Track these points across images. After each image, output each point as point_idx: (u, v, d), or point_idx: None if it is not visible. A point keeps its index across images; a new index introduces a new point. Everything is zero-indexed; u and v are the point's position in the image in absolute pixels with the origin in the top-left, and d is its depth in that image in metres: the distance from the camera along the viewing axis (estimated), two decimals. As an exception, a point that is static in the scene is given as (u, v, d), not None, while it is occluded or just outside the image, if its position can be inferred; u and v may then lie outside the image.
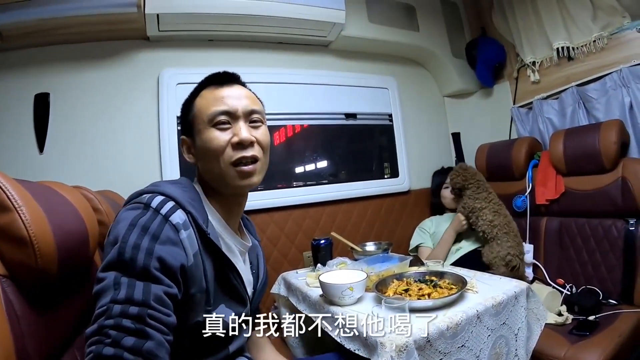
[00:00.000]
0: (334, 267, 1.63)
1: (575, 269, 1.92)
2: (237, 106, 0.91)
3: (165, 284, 0.73)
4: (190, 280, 0.79)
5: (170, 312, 0.73)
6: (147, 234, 0.74)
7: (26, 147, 1.80)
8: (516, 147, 2.26)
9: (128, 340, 0.65)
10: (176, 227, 0.78)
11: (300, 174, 2.38)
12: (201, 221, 0.83)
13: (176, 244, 0.77)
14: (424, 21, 2.60)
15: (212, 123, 0.90)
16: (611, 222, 1.81)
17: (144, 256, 0.71)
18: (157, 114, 2.01)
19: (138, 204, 0.80)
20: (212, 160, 0.90)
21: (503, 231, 1.94)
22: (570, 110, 2.18)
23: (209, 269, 0.84)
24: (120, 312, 0.66)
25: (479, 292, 1.28)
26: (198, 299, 0.82)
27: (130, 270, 0.70)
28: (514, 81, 2.55)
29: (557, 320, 1.60)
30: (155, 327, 0.69)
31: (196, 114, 0.92)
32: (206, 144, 0.90)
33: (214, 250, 0.86)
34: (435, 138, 2.87)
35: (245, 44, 2.27)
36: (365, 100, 2.54)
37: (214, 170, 0.91)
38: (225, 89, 0.94)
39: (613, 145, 1.80)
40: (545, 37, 2.28)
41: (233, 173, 0.90)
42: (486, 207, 2.01)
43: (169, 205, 0.80)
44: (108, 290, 0.69)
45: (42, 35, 1.76)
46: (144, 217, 0.77)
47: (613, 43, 2.03)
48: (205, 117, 0.90)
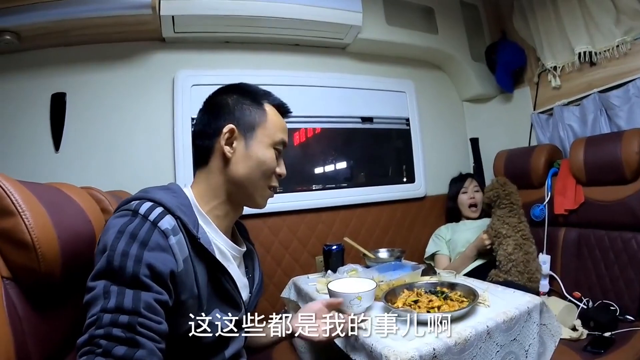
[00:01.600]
0: (345, 274, 1.61)
1: (593, 282, 1.86)
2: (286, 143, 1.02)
3: (155, 291, 0.72)
4: (180, 287, 0.79)
5: (162, 320, 0.73)
6: (136, 241, 0.74)
7: (43, 146, 1.84)
8: (535, 154, 2.20)
9: (119, 349, 0.65)
10: (165, 233, 0.77)
11: (315, 178, 2.37)
12: (191, 226, 0.83)
13: (165, 250, 0.76)
14: (443, 24, 2.56)
15: (273, 144, 0.97)
16: (631, 235, 1.75)
17: (132, 263, 0.71)
18: (172, 115, 2.03)
19: (126, 211, 0.80)
20: (258, 172, 0.95)
21: (517, 269, 1.86)
22: (591, 118, 2.11)
23: (200, 274, 0.83)
24: (110, 322, 0.66)
25: (490, 305, 1.24)
26: (190, 304, 0.82)
27: (119, 278, 0.70)
28: (534, 86, 2.49)
29: (571, 335, 1.55)
30: (147, 336, 0.68)
31: (265, 125, 0.97)
32: (263, 157, 0.96)
33: (205, 255, 0.85)
34: (453, 143, 2.83)
35: (262, 46, 2.27)
36: (382, 104, 2.52)
37: (251, 180, 0.95)
38: (285, 120, 1.04)
39: (635, 155, 1.74)
40: (567, 42, 2.22)
41: (267, 194, 1.00)
42: (511, 236, 1.93)
43: (157, 211, 0.79)
44: (98, 299, 0.69)
45: (59, 36, 1.79)
46: (132, 224, 0.76)
47: (637, 48, 1.97)
48: (273, 136, 0.97)
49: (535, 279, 1.88)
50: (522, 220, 1.98)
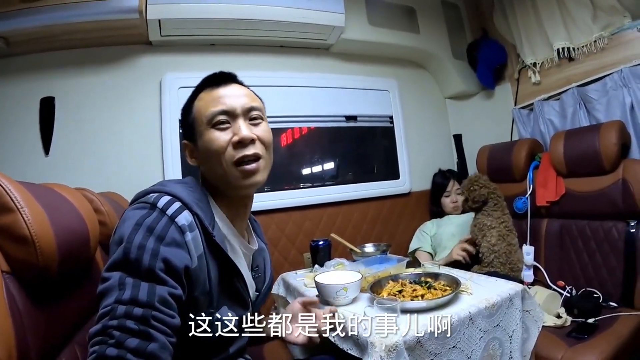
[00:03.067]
0: (331, 268, 1.64)
1: (576, 271, 1.90)
2: (235, 105, 0.91)
3: (170, 285, 0.72)
4: (194, 283, 0.79)
5: (175, 314, 0.73)
6: (153, 234, 0.74)
7: (32, 150, 1.84)
8: (517, 148, 2.25)
9: (132, 341, 0.65)
10: (182, 229, 0.78)
11: (301, 176, 2.39)
12: (207, 223, 0.83)
13: (181, 246, 0.77)
14: (425, 23, 2.60)
15: (211, 124, 0.90)
16: (612, 224, 1.79)
17: (149, 257, 0.71)
18: (160, 118, 2.04)
19: (144, 203, 0.80)
20: (214, 161, 0.90)
21: (500, 260, 1.88)
22: (571, 112, 2.16)
23: (212, 272, 0.84)
24: (124, 313, 0.66)
25: (473, 293, 1.28)
26: (201, 301, 0.82)
27: (135, 270, 0.71)
28: (515, 82, 2.54)
29: (555, 323, 1.59)
30: (159, 329, 0.68)
31: (195, 117, 0.92)
32: (207, 145, 0.90)
33: (218, 253, 0.86)
34: (437, 140, 2.87)
35: (247, 48, 2.29)
36: (366, 102, 2.55)
37: (217, 172, 0.91)
38: (222, 88, 0.93)
39: (613, 146, 1.79)
40: (545, 38, 2.27)
41: (236, 173, 0.89)
42: (495, 227, 1.94)
43: (175, 205, 0.79)
44: (113, 290, 0.69)
45: (47, 41, 1.80)
46: (150, 218, 0.76)
47: (613, 43, 2.01)
48: (204, 118, 0.90)
49: (517, 269, 1.91)
50: (505, 213, 2.01)
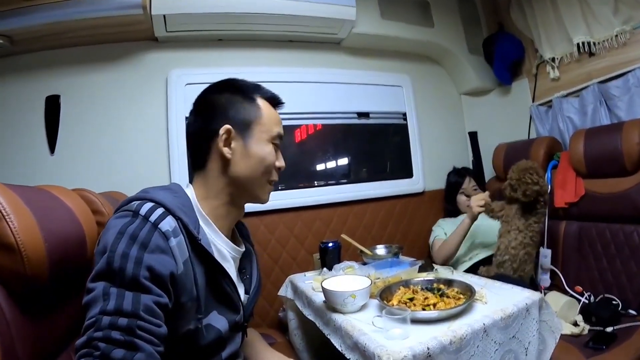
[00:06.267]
0: (341, 271, 1.59)
1: (594, 276, 1.83)
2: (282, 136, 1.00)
3: (155, 293, 0.71)
4: (180, 289, 0.78)
5: (161, 323, 0.72)
6: (136, 242, 0.73)
7: (38, 149, 1.84)
8: (535, 147, 2.18)
9: (117, 352, 0.64)
10: (165, 235, 0.76)
11: (312, 175, 2.35)
12: (192, 227, 0.82)
13: (165, 252, 0.75)
14: (439, 17, 2.54)
15: (271, 139, 0.96)
16: (633, 227, 1.72)
17: (133, 265, 0.70)
18: (166, 115, 2.02)
19: (127, 211, 0.79)
20: (260, 170, 0.94)
21: (512, 265, 1.80)
22: (591, 109, 2.08)
23: (199, 276, 0.82)
24: (109, 324, 0.65)
25: (488, 302, 1.22)
26: (188, 307, 0.80)
27: (119, 280, 0.69)
28: (532, 78, 2.47)
29: (572, 331, 1.53)
30: (145, 339, 0.68)
31: (261, 121, 0.95)
32: (262, 154, 0.94)
33: (205, 257, 0.84)
34: (452, 137, 2.81)
35: (255, 43, 2.25)
36: (379, 98, 2.50)
37: (253, 178, 0.94)
38: (278, 111, 1.02)
39: (636, 146, 1.71)
40: (565, 32, 2.18)
41: (267, 189, 0.99)
42: (522, 231, 1.82)
43: (158, 212, 0.78)
44: (97, 301, 0.68)
45: (52, 39, 1.79)
46: (133, 225, 0.75)
47: (636, 38, 1.93)
48: (269, 129, 0.95)
49: (525, 277, 1.83)
50: (540, 221, 1.88)
